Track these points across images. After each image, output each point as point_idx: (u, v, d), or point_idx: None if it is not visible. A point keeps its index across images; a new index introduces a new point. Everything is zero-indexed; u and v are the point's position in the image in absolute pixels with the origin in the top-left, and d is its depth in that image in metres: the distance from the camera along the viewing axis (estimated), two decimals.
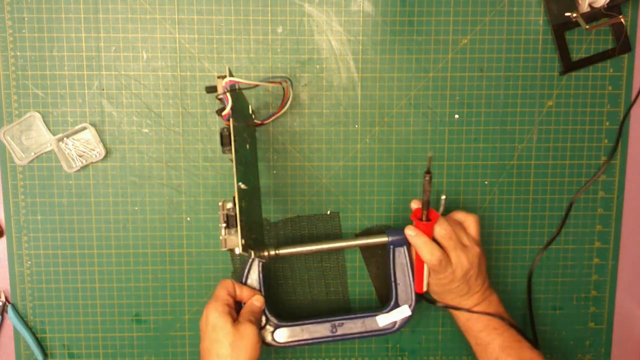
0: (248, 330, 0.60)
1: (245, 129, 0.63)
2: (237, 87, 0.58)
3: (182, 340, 0.75)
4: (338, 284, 0.74)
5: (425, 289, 0.67)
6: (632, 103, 0.73)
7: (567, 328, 0.77)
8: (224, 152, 0.58)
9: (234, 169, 0.56)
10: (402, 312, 0.67)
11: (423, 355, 0.77)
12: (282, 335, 0.67)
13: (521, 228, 0.75)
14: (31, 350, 0.73)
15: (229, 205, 0.59)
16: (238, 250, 0.55)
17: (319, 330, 0.67)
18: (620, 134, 0.73)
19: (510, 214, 0.75)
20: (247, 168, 0.63)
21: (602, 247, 0.76)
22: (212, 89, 0.57)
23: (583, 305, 0.77)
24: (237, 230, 0.55)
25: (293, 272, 0.74)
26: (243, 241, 0.55)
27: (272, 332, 0.67)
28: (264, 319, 0.67)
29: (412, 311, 0.68)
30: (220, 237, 0.58)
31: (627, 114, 0.73)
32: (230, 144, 0.56)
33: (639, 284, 0.77)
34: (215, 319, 0.61)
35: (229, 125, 0.56)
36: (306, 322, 0.68)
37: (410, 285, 0.68)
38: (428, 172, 0.60)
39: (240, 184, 0.56)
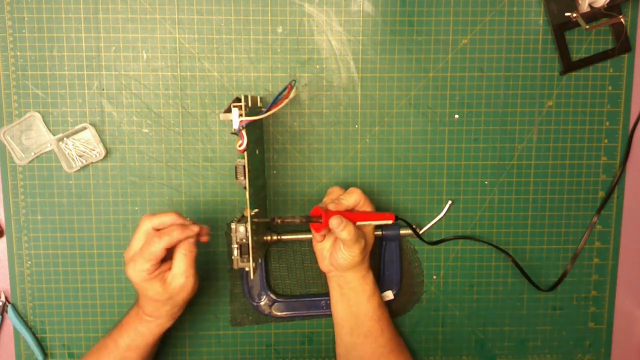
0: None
1: (256, 144, 0.64)
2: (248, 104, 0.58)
3: (182, 341, 0.75)
4: None
5: None
6: None
7: (567, 328, 0.77)
8: (237, 184, 0.58)
9: (248, 202, 0.59)
10: (386, 297, 0.73)
11: (423, 355, 0.77)
12: (279, 308, 0.74)
13: (521, 228, 0.75)
14: (31, 350, 0.73)
15: (241, 229, 0.60)
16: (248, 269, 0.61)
17: (311, 305, 0.74)
18: (632, 137, 0.74)
19: (510, 214, 0.75)
20: (257, 172, 0.64)
21: (602, 247, 0.76)
22: (227, 110, 0.56)
23: (583, 305, 0.77)
24: (248, 256, 0.60)
25: (288, 257, 0.75)
26: (254, 265, 0.60)
27: (270, 306, 0.73)
28: (264, 296, 0.74)
29: (395, 296, 0.74)
30: (233, 257, 0.61)
31: (637, 121, 0.73)
32: (245, 176, 0.57)
33: (639, 284, 0.77)
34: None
35: (242, 154, 0.57)
36: (300, 298, 0.74)
37: (396, 275, 0.73)
38: (273, 219, 0.63)
39: (252, 212, 0.60)
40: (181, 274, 0.60)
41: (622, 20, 0.70)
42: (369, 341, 0.68)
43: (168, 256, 0.60)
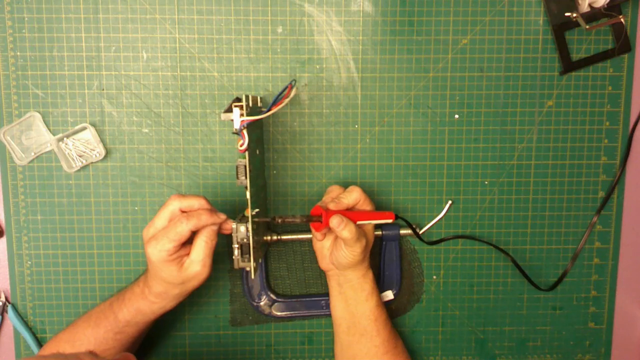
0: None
1: (257, 143, 0.64)
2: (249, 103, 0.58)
3: (182, 340, 0.75)
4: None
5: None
6: None
7: (567, 328, 0.77)
8: (238, 184, 0.58)
9: (249, 201, 0.58)
10: (386, 297, 0.74)
11: (423, 355, 0.77)
12: (279, 308, 0.74)
13: (521, 228, 0.75)
14: (31, 350, 0.73)
15: (242, 229, 0.60)
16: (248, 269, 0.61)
17: (311, 305, 0.74)
18: (632, 137, 0.74)
19: (510, 214, 0.75)
20: (257, 172, 0.64)
21: (602, 247, 0.76)
22: (228, 110, 0.56)
23: (583, 305, 0.77)
24: (249, 256, 0.60)
25: (288, 257, 0.75)
26: (254, 265, 0.60)
27: (270, 306, 0.74)
28: (264, 296, 0.74)
29: (395, 296, 0.74)
30: (233, 257, 0.61)
31: (637, 121, 0.73)
32: (246, 176, 0.57)
33: (639, 284, 0.77)
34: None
35: (243, 154, 0.57)
36: (300, 298, 0.74)
37: (396, 275, 0.73)
38: (273, 218, 0.64)
39: (253, 212, 0.59)
40: (198, 262, 0.58)
41: (622, 20, 0.70)
42: (364, 340, 0.68)
43: (188, 241, 0.59)
